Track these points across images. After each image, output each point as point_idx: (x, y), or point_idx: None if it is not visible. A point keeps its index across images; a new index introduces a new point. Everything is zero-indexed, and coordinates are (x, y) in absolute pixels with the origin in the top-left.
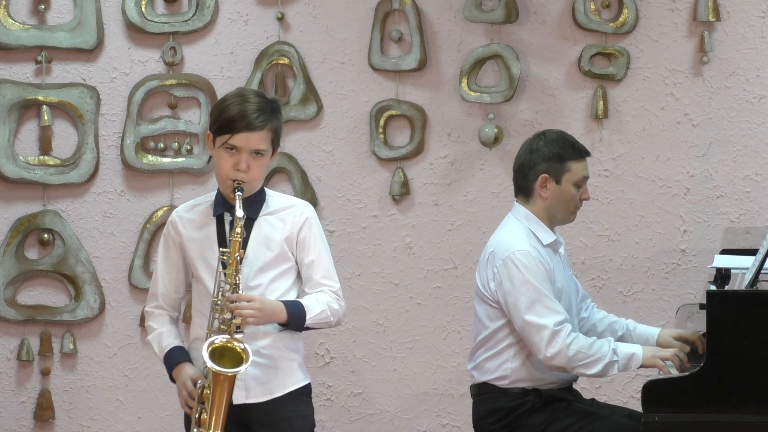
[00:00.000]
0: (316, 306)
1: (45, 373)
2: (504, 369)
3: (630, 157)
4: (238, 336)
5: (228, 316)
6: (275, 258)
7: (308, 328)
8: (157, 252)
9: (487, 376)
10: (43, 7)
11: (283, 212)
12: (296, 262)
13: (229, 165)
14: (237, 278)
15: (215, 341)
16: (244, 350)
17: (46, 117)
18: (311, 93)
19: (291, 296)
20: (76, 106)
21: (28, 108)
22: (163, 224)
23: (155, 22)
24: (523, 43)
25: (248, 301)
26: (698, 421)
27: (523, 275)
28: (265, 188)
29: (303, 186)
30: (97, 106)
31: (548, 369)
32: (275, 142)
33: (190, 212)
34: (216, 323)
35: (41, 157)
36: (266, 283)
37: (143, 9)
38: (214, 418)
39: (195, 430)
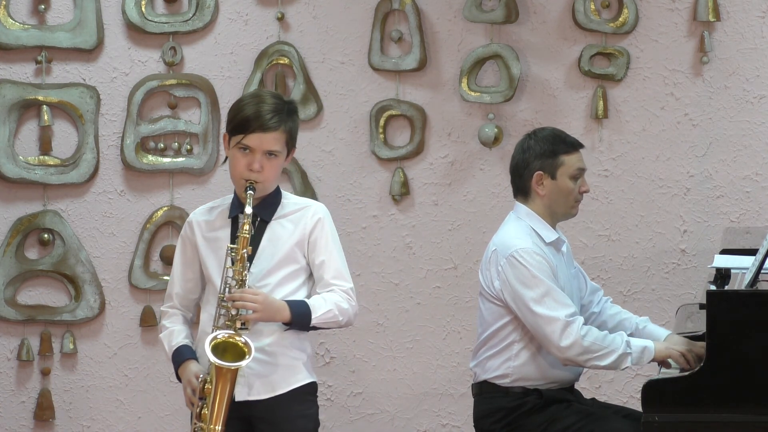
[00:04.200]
0: (322, 305)
1: (45, 373)
2: (506, 367)
3: (630, 157)
4: (242, 332)
5: (234, 312)
6: (284, 259)
7: (315, 328)
8: (158, 251)
9: (489, 374)
10: (43, 7)
11: (296, 214)
12: (308, 263)
13: (243, 165)
14: (244, 274)
15: (218, 336)
16: (246, 344)
17: (46, 117)
18: (311, 93)
19: (299, 297)
20: (76, 106)
21: (28, 108)
22: (164, 224)
23: (155, 22)
24: (523, 43)
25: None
26: (698, 421)
27: (529, 271)
28: (282, 190)
29: (303, 186)
30: (97, 106)
31: (561, 362)
32: (290, 144)
33: (207, 214)
34: (222, 319)
35: (41, 157)
36: (274, 284)
37: (143, 9)
38: (215, 412)
39: (195, 423)
